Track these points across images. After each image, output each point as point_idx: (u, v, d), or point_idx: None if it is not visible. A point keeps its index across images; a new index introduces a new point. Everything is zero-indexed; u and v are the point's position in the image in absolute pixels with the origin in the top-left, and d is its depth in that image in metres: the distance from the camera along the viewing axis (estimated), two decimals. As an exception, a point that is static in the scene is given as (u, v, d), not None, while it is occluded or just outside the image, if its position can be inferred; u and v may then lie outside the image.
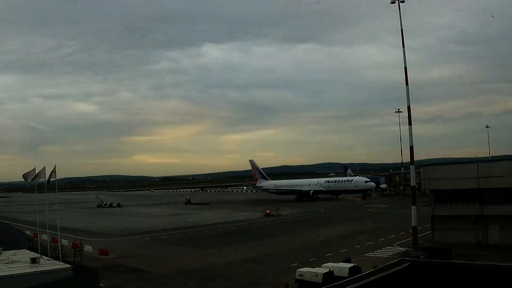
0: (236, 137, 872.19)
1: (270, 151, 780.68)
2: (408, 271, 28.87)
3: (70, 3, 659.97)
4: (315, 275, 31.48)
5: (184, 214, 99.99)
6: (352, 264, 33.36)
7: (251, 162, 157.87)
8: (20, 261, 24.69)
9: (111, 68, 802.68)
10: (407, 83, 50.72)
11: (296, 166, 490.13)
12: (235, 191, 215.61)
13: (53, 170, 28.83)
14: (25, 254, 26.75)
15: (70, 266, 23.88)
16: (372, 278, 27.19)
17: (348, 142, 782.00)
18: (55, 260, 25.76)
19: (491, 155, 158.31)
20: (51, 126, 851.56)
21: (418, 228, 49.16)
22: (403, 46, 51.49)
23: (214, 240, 58.27)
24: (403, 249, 42.71)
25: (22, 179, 29.57)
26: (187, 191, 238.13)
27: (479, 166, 47.36)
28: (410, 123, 51.51)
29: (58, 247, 31.05)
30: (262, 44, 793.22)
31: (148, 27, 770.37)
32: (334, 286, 26.68)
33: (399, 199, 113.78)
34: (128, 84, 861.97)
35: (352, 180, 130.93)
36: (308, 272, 32.45)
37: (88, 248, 49.65)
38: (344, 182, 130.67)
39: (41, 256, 25.33)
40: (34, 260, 24.21)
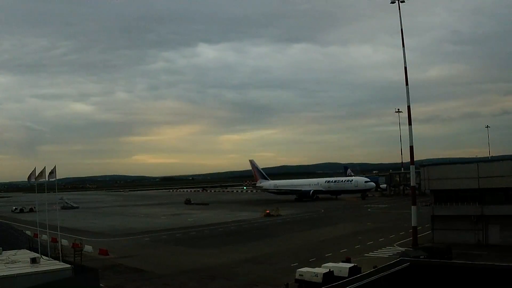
0: (235, 137, 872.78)
1: (270, 151, 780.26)
2: (408, 271, 28.83)
3: (64, 3, 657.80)
4: (315, 275, 31.47)
5: (184, 214, 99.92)
6: (352, 264, 33.34)
7: (251, 162, 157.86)
8: (20, 261, 24.75)
9: (107, 68, 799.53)
10: (407, 83, 50.65)
11: (296, 166, 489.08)
12: (235, 191, 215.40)
13: (52, 170, 28.89)
14: (25, 254, 26.81)
15: (70, 266, 23.93)
16: (372, 278, 27.13)
17: (347, 142, 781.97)
18: (55, 260, 25.82)
19: (491, 155, 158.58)
20: (49, 126, 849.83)
21: (418, 228, 49.19)
22: (403, 46, 51.52)
23: (214, 240, 58.30)
24: (403, 249, 42.70)
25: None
26: (188, 191, 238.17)
27: (479, 166, 47.34)
28: (410, 123, 51.55)
29: (58, 247, 31.11)
30: (258, 44, 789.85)
31: (142, 27, 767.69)
32: (334, 286, 26.61)
33: (399, 199, 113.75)
34: (124, 84, 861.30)
35: (352, 180, 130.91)
36: (308, 272, 32.44)
37: (88, 248, 49.63)
38: (344, 182, 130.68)
39: (41, 256, 25.39)
40: (34, 260, 24.27)
